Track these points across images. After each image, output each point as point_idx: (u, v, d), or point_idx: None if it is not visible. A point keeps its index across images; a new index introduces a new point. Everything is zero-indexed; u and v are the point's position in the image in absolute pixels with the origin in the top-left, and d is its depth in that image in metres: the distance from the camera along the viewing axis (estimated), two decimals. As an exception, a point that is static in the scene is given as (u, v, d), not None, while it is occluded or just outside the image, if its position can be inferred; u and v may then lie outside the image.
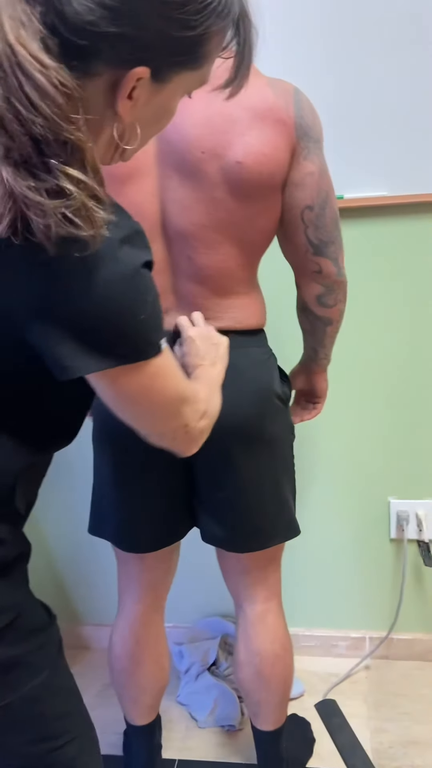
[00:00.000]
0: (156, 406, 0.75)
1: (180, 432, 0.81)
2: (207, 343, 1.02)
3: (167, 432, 0.80)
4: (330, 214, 1.06)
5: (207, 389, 0.90)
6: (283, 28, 1.39)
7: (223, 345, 1.03)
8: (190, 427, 0.81)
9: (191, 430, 0.82)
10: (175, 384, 0.76)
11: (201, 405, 0.83)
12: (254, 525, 1.15)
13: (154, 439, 0.82)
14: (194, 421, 0.81)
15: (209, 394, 0.89)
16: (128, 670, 1.28)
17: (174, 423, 0.79)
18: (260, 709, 1.28)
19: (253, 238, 1.06)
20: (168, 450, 0.84)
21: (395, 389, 1.59)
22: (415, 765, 1.41)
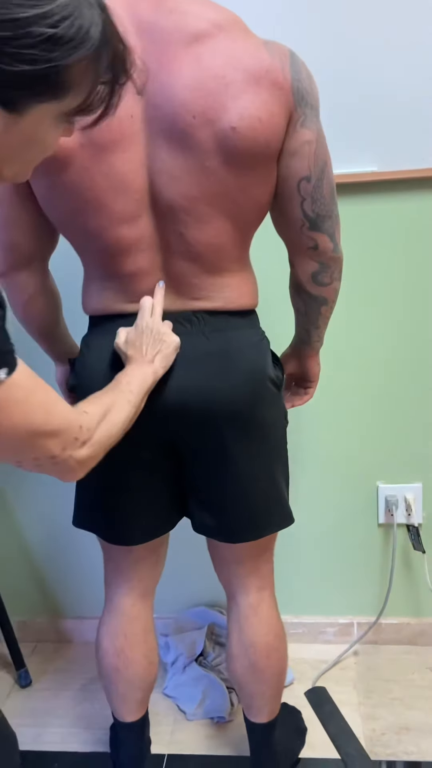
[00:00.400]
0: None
1: (45, 462, 0.78)
2: (155, 338, 1.00)
3: (25, 462, 0.78)
4: (327, 186, 1.01)
5: (100, 412, 0.86)
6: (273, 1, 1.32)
7: (171, 345, 1.01)
8: (60, 458, 0.78)
9: (62, 461, 0.79)
10: (22, 417, 0.72)
11: (81, 434, 0.80)
12: (248, 514, 1.11)
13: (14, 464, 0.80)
14: (66, 451, 0.78)
15: (102, 416, 0.86)
16: (116, 666, 1.23)
17: (29, 455, 0.76)
18: (254, 701, 1.25)
19: (246, 211, 1.00)
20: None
21: (384, 372, 1.55)
22: (409, 752, 1.39)
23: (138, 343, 1.00)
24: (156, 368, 0.99)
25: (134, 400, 0.93)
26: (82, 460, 0.81)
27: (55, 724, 1.54)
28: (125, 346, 1.01)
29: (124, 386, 0.94)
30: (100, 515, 1.14)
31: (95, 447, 0.83)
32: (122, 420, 0.90)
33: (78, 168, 0.95)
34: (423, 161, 1.37)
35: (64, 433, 0.77)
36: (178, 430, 1.05)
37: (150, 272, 1.03)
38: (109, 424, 0.86)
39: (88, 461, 0.83)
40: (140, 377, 0.96)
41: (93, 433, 0.83)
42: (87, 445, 0.81)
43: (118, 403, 0.90)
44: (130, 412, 0.92)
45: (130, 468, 1.08)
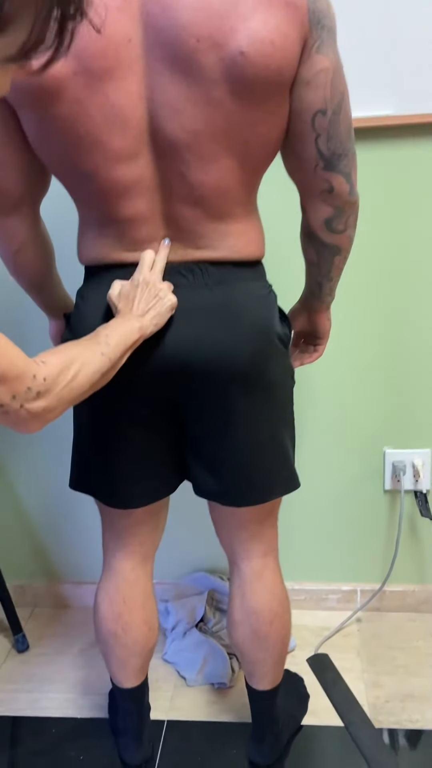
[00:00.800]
0: None
1: None
2: (150, 293, 0.94)
3: None
4: (344, 121, 0.93)
5: (62, 363, 0.80)
6: None
7: (167, 304, 0.94)
8: (10, 408, 0.73)
9: (13, 412, 0.74)
10: None
11: (34, 384, 0.75)
12: (253, 477, 1.05)
13: None
14: (16, 401, 0.73)
15: (64, 368, 0.80)
16: (115, 632, 1.19)
17: None
18: (256, 668, 1.21)
19: (255, 149, 0.92)
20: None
21: (394, 330, 1.49)
22: (413, 720, 1.37)
23: (131, 296, 0.93)
24: (144, 324, 0.92)
25: (110, 353, 0.87)
26: (37, 413, 0.76)
27: (52, 689, 1.51)
28: (117, 298, 0.95)
29: (102, 338, 0.87)
30: (97, 477, 1.08)
31: (53, 400, 0.78)
32: (90, 373, 0.83)
33: (70, 99, 0.86)
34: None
35: (13, 381, 0.72)
36: (179, 388, 0.99)
37: (149, 218, 0.95)
38: (71, 376, 0.81)
39: (45, 414, 0.77)
40: (123, 331, 0.90)
41: (51, 385, 0.77)
42: (43, 396, 0.76)
43: (86, 356, 0.84)
44: (101, 366, 0.85)
45: (129, 427, 1.03)
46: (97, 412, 1.03)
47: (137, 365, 0.97)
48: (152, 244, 0.97)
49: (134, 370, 0.97)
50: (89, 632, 1.68)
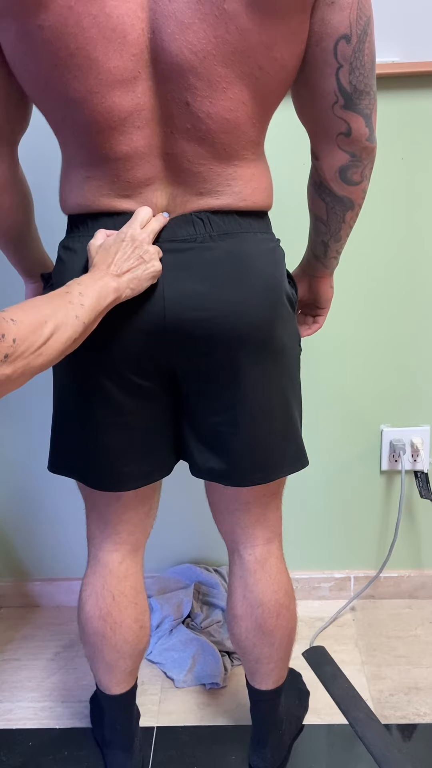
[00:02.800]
0: None
1: None
2: (134, 252, 0.82)
3: None
4: (369, 52, 0.82)
5: (34, 323, 0.68)
6: None
7: (149, 269, 0.82)
8: None
9: None
10: None
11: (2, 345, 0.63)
12: (258, 454, 0.94)
13: None
14: None
15: (35, 329, 0.68)
16: (102, 632, 1.06)
17: None
18: (260, 666, 1.10)
19: (270, 77, 0.81)
20: None
21: (390, 305, 1.39)
22: (421, 713, 1.28)
23: (112, 251, 0.81)
24: (120, 285, 0.80)
25: (84, 316, 0.74)
26: (6, 380, 0.65)
27: (26, 698, 1.37)
28: (96, 249, 0.82)
29: (75, 297, 0.75)
30: (82, 456, 0.95)
31: (19, 366, 0.66)
32: (63, 340, 0.71)
33: (60, 6, 0.73)
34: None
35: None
36: (179, 352, 0.87)
37: (146, 155, 0.83)
38: (42, 340, 0.68)
39: (6, 384, 0.65)
40: (98, 290, 0.77)
41: (18, 348, 0.65)
42: (9, 361, 0.64)
43: (60, 317, 0.71)
44: (74, 332, 0.73)
45: (120, 398, 0.90)
46: (82, 381, 0.90)
47: (131, 326, 0.84)
48: (148, 189, 0.85)
49: (128, 332, 0.85)
50: (63, 633, 1.54)
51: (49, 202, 1.01)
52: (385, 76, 1.20)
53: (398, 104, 1.24)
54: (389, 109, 1.24)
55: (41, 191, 1.04)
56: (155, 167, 0.84)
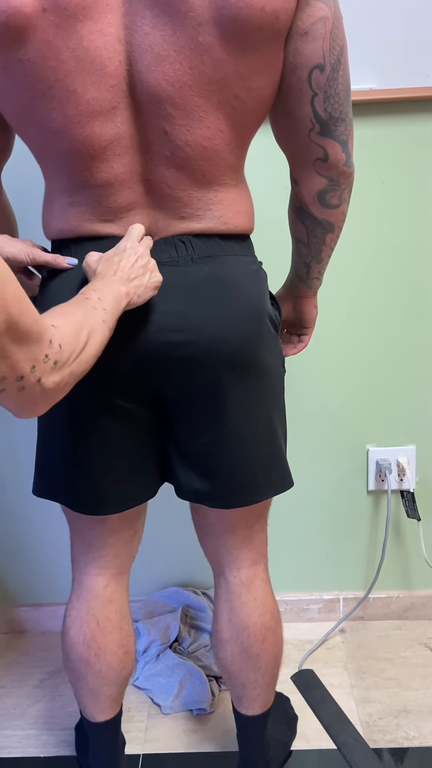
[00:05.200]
0: None
1: (11, 386, 0.59)
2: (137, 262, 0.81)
3: None
4: (343, 80, 0.84)
5: (74, 329, 0.67)
6: None
7: (153, 279, 0.82)
8: (28, 381, 0.60)
9: (29, 386, 0.60)
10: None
11: (51, 351, 0.62)
12: (243, 475, 0.94)
13: None
14: (35, 372, 0.60)
15: (74, 336, 0.67)
16: (87, 658, 1.05)
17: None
18: (246, 691, 1.09)
19: (246, 106, 0.82)
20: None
21: (376, 323, 1.41)
22: (410, 737, 1.27)
23: (115, 260, 0.81)
24: (130, 291, 0.79)
25: (108, 320, 0.74)
26: (51, 389, 0.63)
27: (10, 726, 1.34)
28: (96, 262, 0.82)
29: (96, 302, 0.74)
30: (67, 479, 0.95)
31: (66, 373, 0.65)
32: (97, 344, 0.71)
33: (39, 41, 0.75)
34: (428, 79, 1.22)
35: (35, 343, 0.59)
36: (163, 374, 0.88)
37: (127, 182, 0.84)
38: (81, 345, 0.67)
39: (56, 392, 0.64)
40: (113, 295, 0.76)
41: (63, 354, 0.64)
42: (58, 368, 0.63)
43: (91, 322, 0.70)
44: (105, 336, 0.73)
45: (104, 420, 0.90)
46: (67, 402, 0.90)
47: (116, 349, 0.84)
48: (130, 213, 0.86)
49: (112, 355, 0.85)
50: (49, 660, 1.52)
51: (32, 227, 1.02)
52: (364, 102, 1.22)
53: (377, 129, 1.26)
54: (368, 133, 1.26)
55: (24, 217, 1.05)
56: (136, 193, 0.85)
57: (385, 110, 1.25)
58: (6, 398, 0.61)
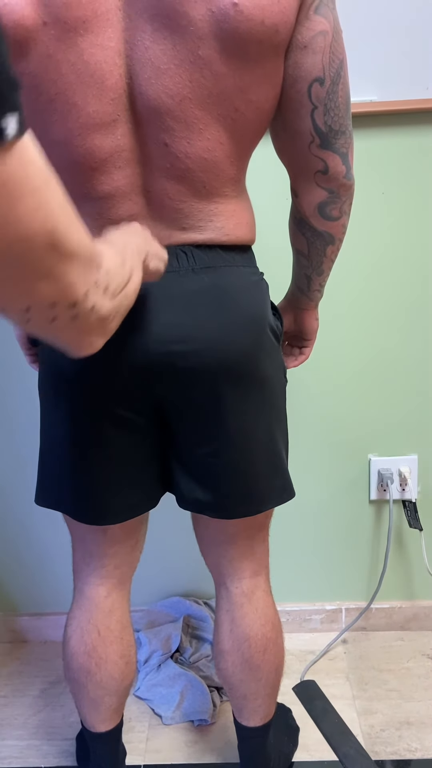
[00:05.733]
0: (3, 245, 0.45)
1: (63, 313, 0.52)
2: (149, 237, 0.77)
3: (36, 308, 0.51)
4: (343, 93, 0.85)
5: (118, 257, 0.62)
6: None
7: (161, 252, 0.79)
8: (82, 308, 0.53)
9: (83, 315, 0.54)
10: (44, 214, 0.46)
11: (100, 277, 0.56)
12: (244, 486, 0.94)
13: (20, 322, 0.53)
14: (89, 298, 0.53)
15: (121, 266, 0.61)
16: (87, 668, 1.05)
17: (44, 289, 0.49)
18: (247, 703, 1.08)
19: (246, 118, 0.83)
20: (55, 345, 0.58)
21: (377, 333, 1.41)
22: (412, 749, 1.26)
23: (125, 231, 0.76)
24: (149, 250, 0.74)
25: (141, 267, 0.69)
26: (104, 318, 0.57)
27: (11, 736, 1.34)
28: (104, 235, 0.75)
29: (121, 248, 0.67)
30: (69, 489, 0.95)
31: (116, 304, 0.59)
32: (137, 283, 0.66)
33: (40, 55, 0.76)
34: (427, 91, 1.23)
35: (86, 265, 0.52)
36: (164, 384, 0.88)
37: (128, 194, 0.85)
38: (127, 277, 0.62)
39: (111, 322, 0.58)
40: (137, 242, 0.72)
41: (114, 282, 0.58)
42: (110, 296, 0.57)
43: (131, 260, 0.65)
44: (141, 280, 0.68)
45: (106, 430, 0.90)
46: (69, 412, 0.91)
47: (117, 359, 0.85)
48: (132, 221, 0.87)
49: (114, 365, 0.85)
50: (51, 669, 1.52)
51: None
52: (364, 114, 1.23)
53: (377, 141, 1.27)
54: (369, 145, 1.27)
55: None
56: (137, 204, 0.86)
57: (385, 122, 1.25)
58: (59, 329, 0.54)
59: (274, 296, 1.02)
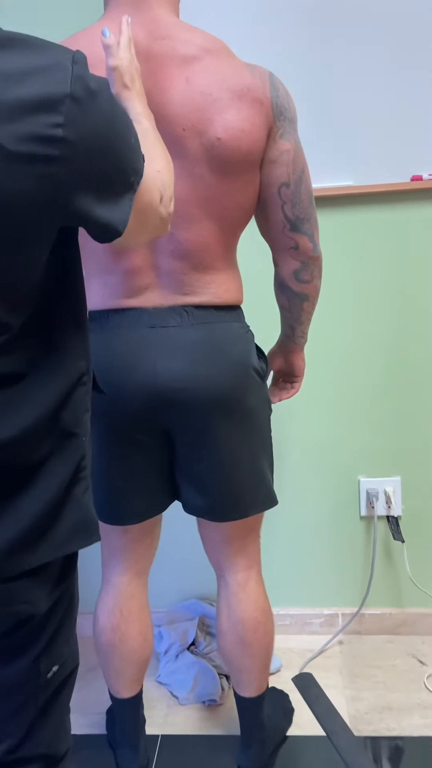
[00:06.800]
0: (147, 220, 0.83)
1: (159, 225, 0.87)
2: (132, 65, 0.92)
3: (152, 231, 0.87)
4: (305, 191, 1.12)
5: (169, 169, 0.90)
6: (259, 27, 1.46)
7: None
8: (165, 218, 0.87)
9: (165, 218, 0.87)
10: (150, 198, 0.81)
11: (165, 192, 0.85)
12: (232, 495, 1.19)
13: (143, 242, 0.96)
14: (166, 211, 0.86)
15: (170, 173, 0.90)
16: (113, 642, 1.30)
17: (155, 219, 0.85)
18: (243, 676, 1.32)
19: (232, 214, 1.11)
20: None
21: (364, 373, 1.66)
22: (390, 728, 1.47)
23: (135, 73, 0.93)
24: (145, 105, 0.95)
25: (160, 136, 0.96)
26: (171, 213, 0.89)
27: (52, 710, 1.60)
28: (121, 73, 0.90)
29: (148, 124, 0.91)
30: (98, 497, 1.21)
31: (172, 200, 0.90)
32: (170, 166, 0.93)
33: None
34: (395, 176, 1.50)
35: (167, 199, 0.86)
36: (168, 414, 1.13)
37: (143, 269, 1.12)
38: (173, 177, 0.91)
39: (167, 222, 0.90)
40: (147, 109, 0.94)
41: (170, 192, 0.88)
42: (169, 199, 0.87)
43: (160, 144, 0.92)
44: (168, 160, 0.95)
45: (125, 450, 1.17)
46: (97, 436, 1.18)
47: (132, 394, 1.12)
48: (146, 290, 1.14)
49: (129, 398, 1.12)
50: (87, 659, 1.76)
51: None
52: (343, 195, 1.51)
53: (354, 217, 1.55)
54: (347, 220, 1.55)
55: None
56: (149, 277, 1.13)
57: (361, 201, 1.53)
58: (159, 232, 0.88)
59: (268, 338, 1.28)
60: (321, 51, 1.47)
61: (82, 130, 0.66)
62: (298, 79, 1.46)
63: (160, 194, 0.83)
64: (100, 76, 0.70)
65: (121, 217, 0.75)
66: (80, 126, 0.65)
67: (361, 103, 1.48)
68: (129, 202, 0.75)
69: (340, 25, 1.46)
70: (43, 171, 0.64)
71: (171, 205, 0.88)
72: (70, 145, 0.65)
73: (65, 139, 0.64)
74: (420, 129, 1.49)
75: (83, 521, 0.85)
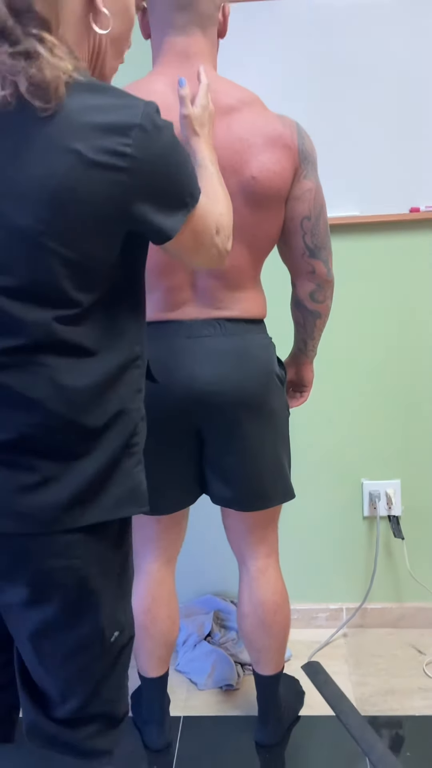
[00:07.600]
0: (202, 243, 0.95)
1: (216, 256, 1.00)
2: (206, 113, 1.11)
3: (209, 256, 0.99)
4: (323, 224, 1.30)
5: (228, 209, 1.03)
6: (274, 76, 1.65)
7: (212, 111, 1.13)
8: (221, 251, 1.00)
9: (222, 252, 1.00)
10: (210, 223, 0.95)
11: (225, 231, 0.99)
12: (257, 486, 1.33)
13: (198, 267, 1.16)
14: (223, 247, 0.99)
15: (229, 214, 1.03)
16: (145, 624, 1.43)
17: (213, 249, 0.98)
18: (262, 655, 1.45)
19: (260, 241, 1.28)
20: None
21: (368, 382, 1.83)
22: (393, 709, 1.60)
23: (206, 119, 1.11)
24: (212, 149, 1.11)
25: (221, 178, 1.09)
26: (229, 250, 1.03)
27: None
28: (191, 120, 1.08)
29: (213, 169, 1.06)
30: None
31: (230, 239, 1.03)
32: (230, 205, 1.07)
33: None
34: (395, 208, 1.68)
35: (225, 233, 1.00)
36: (202, 414, 1.28)
37: (183, 287, 1.28)
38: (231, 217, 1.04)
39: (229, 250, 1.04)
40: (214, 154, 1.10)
41: (228, 231, 1.02)
42: (227, 237, 1.01)
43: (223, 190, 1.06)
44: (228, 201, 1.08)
45: (163, 446, 1.30)
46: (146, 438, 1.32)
47: (171, 395, 1.26)
48: (185, 305, 1.29)
49: (170, 398, 1.27)
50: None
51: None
52: (350, 224, 1.69)
53: (359, 243, 1.72)
54: (354, 246, 1.73)
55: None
56: (188, 294, 1.29)
57: (366, 230, 1.71)
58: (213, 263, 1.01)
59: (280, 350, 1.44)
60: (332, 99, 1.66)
61: (146, 152, 0.82)
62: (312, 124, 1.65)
63: (216, 227, 0.97)
64: (166, 120, 0.87)
65: (173, 226, 0.88)
66: (145, 149, 0.82)
67: (367, 146, 1.67)
68: (182, 217, 0.89)
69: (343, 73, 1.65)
70: (114, 177, 0.81)
71: (229, 243, 1.02)
72: (135, 161, 0.81)
73: (132, 156, 0.81)
74: (417, 166, 1.67)
75: (133, 490, 0.96)
